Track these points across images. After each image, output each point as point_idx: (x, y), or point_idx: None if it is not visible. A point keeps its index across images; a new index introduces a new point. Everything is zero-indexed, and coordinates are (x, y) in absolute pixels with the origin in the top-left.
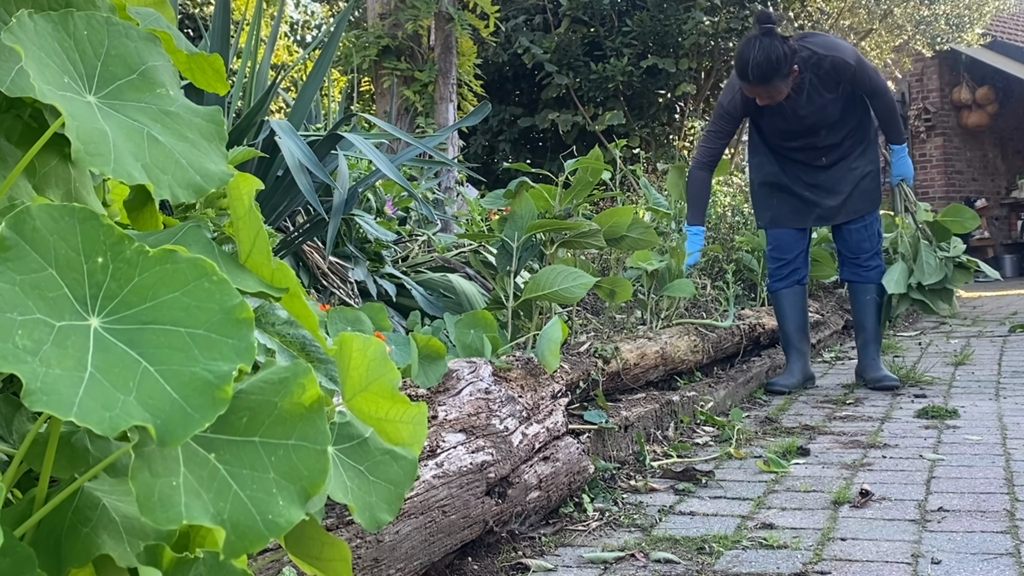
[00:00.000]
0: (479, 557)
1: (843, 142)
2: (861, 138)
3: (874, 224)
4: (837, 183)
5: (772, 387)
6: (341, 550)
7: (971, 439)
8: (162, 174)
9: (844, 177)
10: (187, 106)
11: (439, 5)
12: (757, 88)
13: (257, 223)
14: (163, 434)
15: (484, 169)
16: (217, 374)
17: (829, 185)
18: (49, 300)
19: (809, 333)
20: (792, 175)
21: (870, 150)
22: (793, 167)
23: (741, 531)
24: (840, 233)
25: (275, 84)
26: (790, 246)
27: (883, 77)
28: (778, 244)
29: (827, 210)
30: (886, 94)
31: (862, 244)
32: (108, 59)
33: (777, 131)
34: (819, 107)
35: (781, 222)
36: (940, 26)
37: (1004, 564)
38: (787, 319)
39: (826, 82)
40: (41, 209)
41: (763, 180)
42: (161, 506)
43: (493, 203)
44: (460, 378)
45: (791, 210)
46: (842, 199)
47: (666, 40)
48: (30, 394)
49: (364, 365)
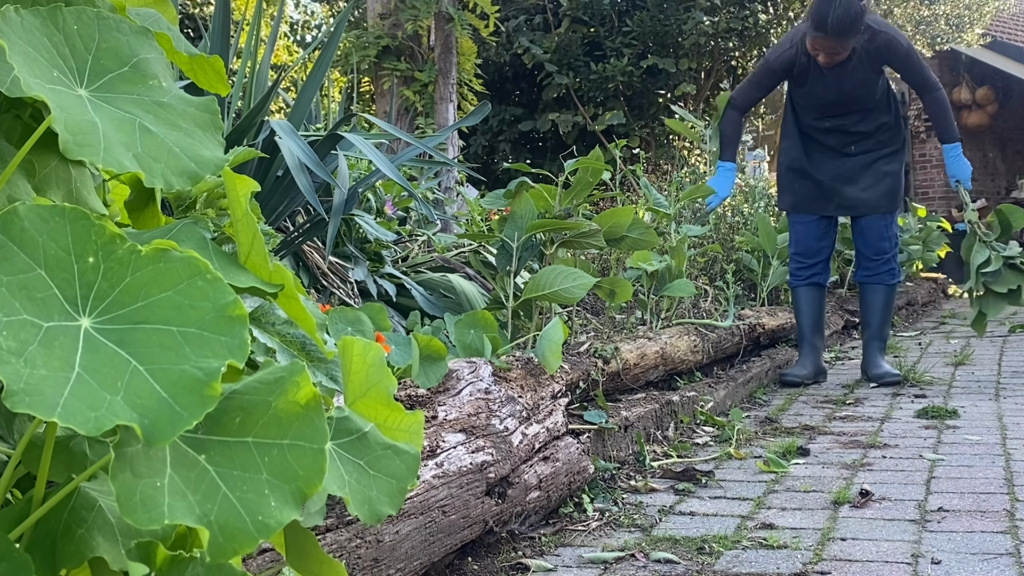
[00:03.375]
0: (479, 557)
1: (874, 134)
2: (893, 138)
3: (892, 226)
4: (860, 174)
5: (785, 378)
6: (338, 571)
7: (971, 439)
8: (154, 162)
9: (868, 170)
10: (181, 96)
11: (439, 5)
12: (831, 41)
13: (254, 225)
14: (149, 433)
15: (484, 169)
16: (207, 371)
17: (851, 175)
18: (37, 301)
19: (824, 330)
20: (818, 162)
21: (899, 154)
22: (820, 154)
23: (741, 531)
24: (859, 227)
25: (275, 84)
26: (813, 250)
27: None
28: (801, 248)
29: (847, 199)
30: (938, 89)
31: (881, 244)
32: (99, 53)
33: (813, 105)
34: (860, 83)
35: (801, 207)
36: (940, 26)
37: (1004, 564)
38: (803, 314)
39: (873, 59)
40: (30, 209)
41: (789, 165)
42: (143, 506)
43: (493, 203)
44: (460, 378)
45: (812, 196)
46: (863, 190)
47: (666, 40)
48: (12, 395)
49: (364, 370)
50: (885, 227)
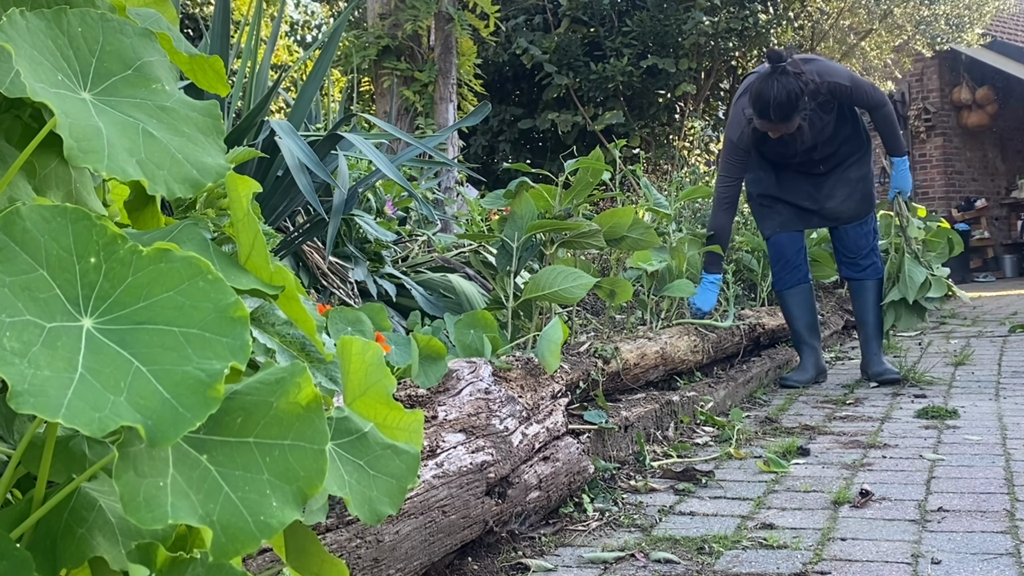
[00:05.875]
0: (479, 557)
1: (839, 150)
2: (856, 145)
3: (870, 223)
4: (834, 188)
5: (786, 383)
6: (339, 569)
7: (971, 439)
8: (157, 169)
9: (840, 182)
10: (183, 101)
11: (439, 5)
12: (776, 125)
13: (255, 226)
14: (153, 434)
15: (484, 169)
16: (209, 372)
17: (827, 191)
18: (40, 301)
19: (819, 328)
20: (790, 185)
21: (865, 157)
22: (791, 178)
23: (741, 531)
24: (837, 233)
25: (275, 85)
26: (788, 247)
27: (880, 90)
28: (778, 249)
29: (827, 213)
30: (884, 106)
31: (859, 242)
32: (103, 56)
33: (777, 153)
34: (819, 129)
35: (788, 226)
36: (940, 26)
37: (1004, 564)
38: (795, 318)
39: (824, 106)
40: (32, 210)
41: (762, 192)
42: (146, 506)
43: (493, 203)
44: (460, 378)
45: (794, 216)
46: (840, 203)
47: (666, 40)
48: (17, 396)
49: (363, 370)
50: (862, 227)
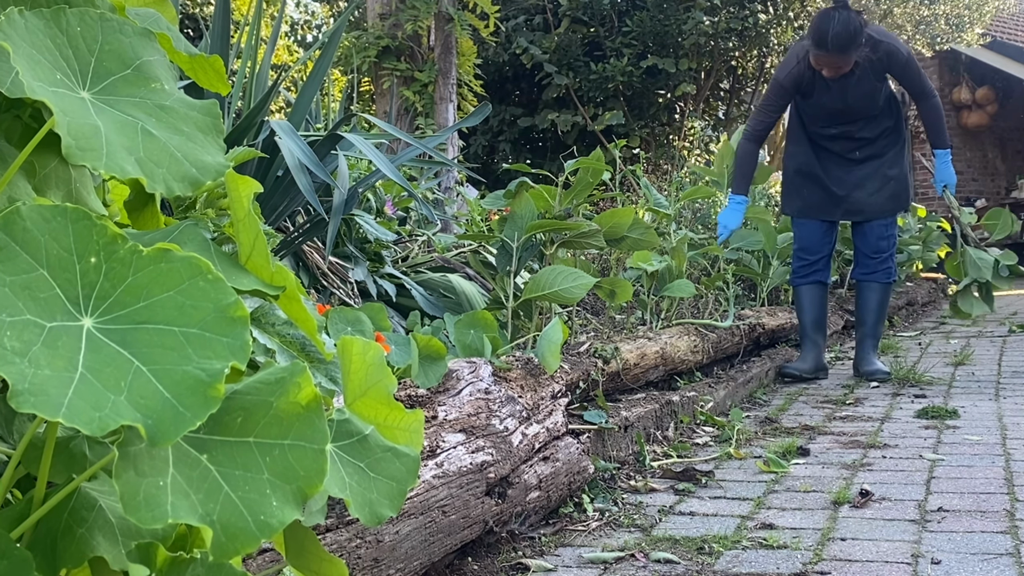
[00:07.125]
0: (479, 557)
1: (878, 139)
2: (895, 141)
3: (892, 225)
4: (867, 180)
5: (786, 370)
6: (339, 568)
7: (971, 439)
8: (156, 168)
9: (874, 175)
10: (183, 100)
11: (439, 5)
12: (832, 57)
13: (256, 226)
14: (154, 434)
15: (484, 169)
16: (210, 372)
17: (859, 181)
18: (40, 301)
19: (826, 328)
20: (825, 166)
21: (902, 155)
22: (827, 158)
23: (741, 531)
24: (861, 229)
25: (275, 84)
26: (816, 248)
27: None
28: (805, 245)
29: (854, 204)
30: (934, 97)
31: (880, 243)
32: (102, 55)
33: (820, 114)
34: (864, 93)
35: (809, 212)
36: (940, 26)
37: (1004, 564)
38: (805, 312)
39: (876, 69)
40: (32, 209)
41: (797, 168)
42: (146, 505)
43: (493, 203)
44: (460, 378)
45: (820, 201)
46: (869, 195)
47: (666, 40)
48: (17, 395)
49: (363, 370)
50: (885, 228)
